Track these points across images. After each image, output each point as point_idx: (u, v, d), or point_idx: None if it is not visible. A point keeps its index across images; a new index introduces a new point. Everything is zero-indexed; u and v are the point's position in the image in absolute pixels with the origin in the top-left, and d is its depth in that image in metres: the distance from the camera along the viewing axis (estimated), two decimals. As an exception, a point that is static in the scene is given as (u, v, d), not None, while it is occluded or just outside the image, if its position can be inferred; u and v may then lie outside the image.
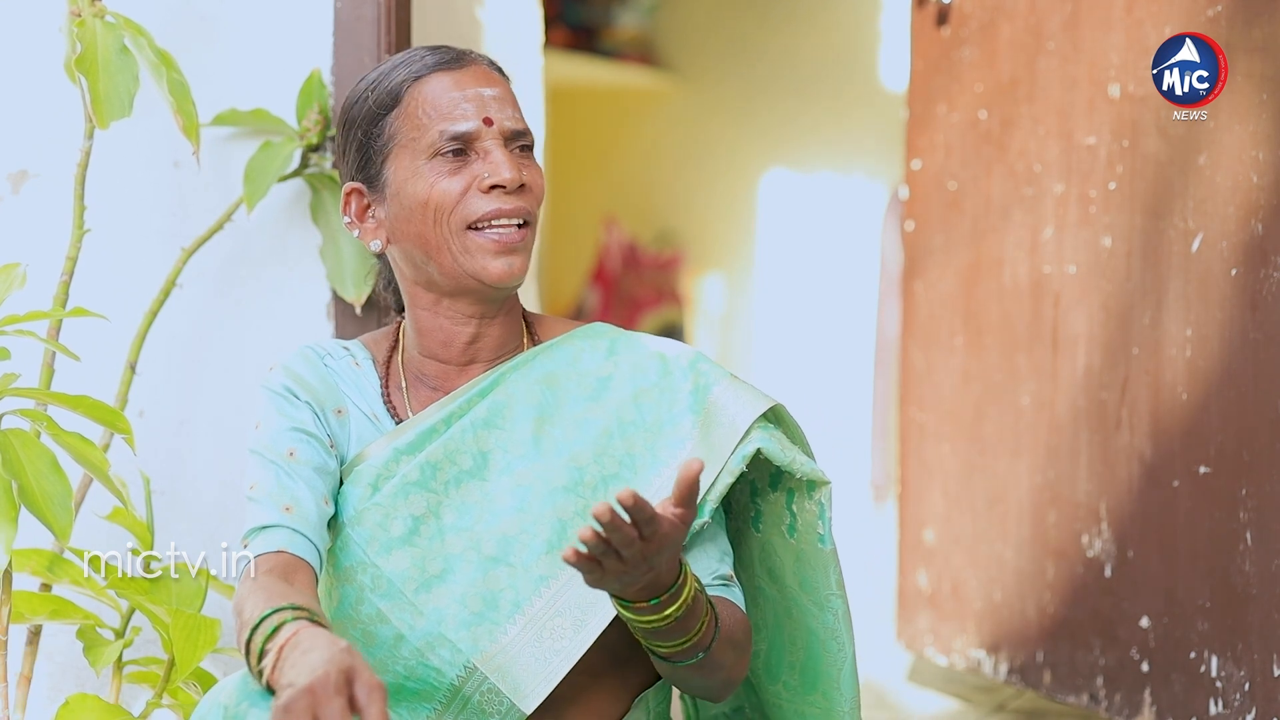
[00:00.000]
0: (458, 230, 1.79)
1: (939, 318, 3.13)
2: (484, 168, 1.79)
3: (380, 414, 1.86)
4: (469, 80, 1.82)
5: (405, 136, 1.81)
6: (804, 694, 1.91)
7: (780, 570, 1.89)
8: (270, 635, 1.56)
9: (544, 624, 1.77)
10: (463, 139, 1.79)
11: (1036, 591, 2.88)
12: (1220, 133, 2.49)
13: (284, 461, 1.79)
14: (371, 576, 1.80)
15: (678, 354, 1.87)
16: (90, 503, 2.33)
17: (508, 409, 1.84)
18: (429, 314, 1.86)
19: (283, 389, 1.84)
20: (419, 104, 1.81)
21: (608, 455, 1.82)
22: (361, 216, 1.87)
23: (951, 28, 3.08)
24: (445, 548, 1.80)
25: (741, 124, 5.99)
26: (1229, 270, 2.48)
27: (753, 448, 1.78)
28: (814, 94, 5.81)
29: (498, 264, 1.79)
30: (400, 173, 1.82)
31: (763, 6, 5.90)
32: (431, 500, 1.81)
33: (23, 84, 2.54)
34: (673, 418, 1.83)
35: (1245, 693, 2.45)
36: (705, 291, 6.14)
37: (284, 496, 1.76)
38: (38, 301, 2.28)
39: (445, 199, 1.79)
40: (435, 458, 1.82)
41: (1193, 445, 2.56)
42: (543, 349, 1.88)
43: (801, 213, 5.89)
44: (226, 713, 1.59)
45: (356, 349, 1.91)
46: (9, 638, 2.14)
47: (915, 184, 3.20)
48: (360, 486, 1.82)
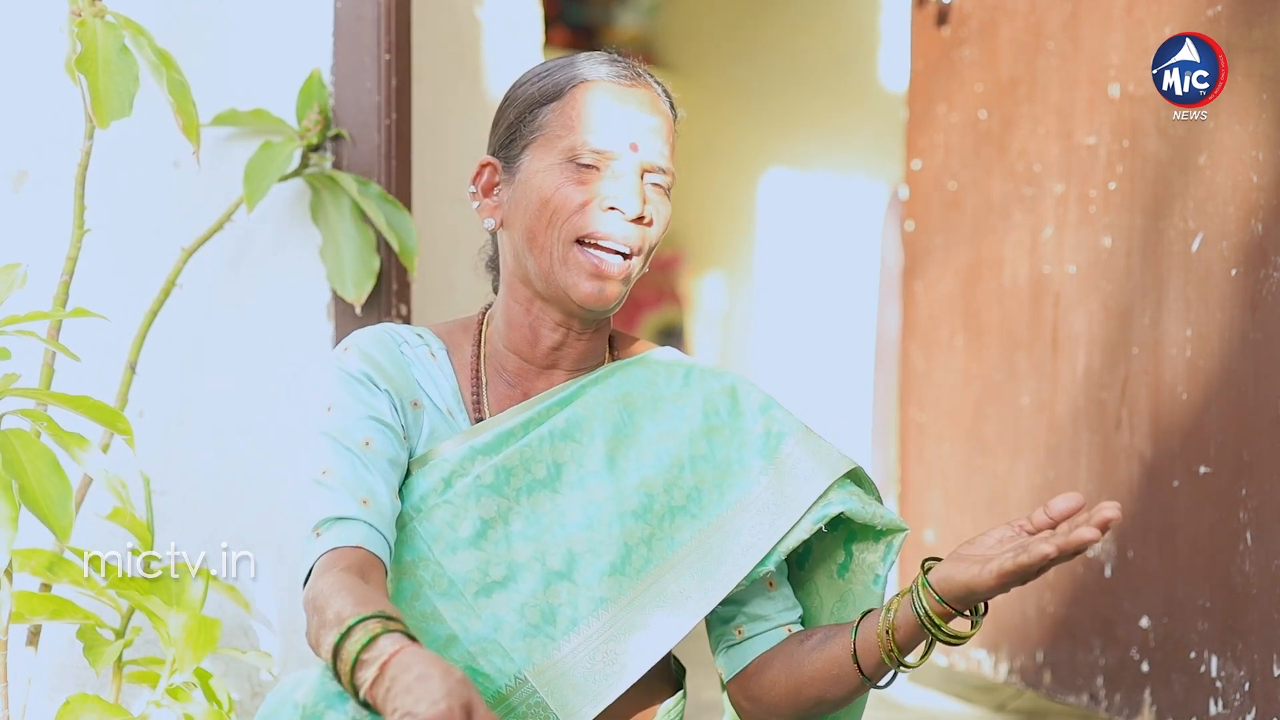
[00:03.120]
0: (565, 239, 1.77)
1: (939, 318, 3.13)
2: (611, 188, 1.78)
3: (455, 410, 1.84)
4: (633, 101, 1.80)
5: (552, 131, 1.79)
6: None
7: (817, 610, 1.89)
8: (366, 645, 1.52)
9: (597, 646, 1.77)
10: (602, 155, 1.78)
11: (1036, 591, 2.88)
12: (1220, 133, 2.48)
13: (360, 450, 1.75)
14: (433, 573, 1.78)
15: (748, 394, 1.87)
16: (90, 503, 2.33)
17: (585, 423, 1.83)
18: (522, 309, 1.84)
19: (361, 374, 1.80)
20: (577, 106, 1.79)
21: (677, 487, 1.82)
22: (488, 192, 1.85)
23: (951, 28, 3.08)
24: (511, 554, 1.78)
25: (741, 124, 5.99)
26: (1229, 270, 2.48)
27: (834, 510, 1.80)
28: (814, 94, 5.81)
29: (589, 285, 1.77)
30: (535, 164, 1.80)
31: (763, 7, 5.90)
32: (502, 505, 1.79)
33: (23, 84, 2.54)
34: (741, 459, 1.84)
35: (1245, 693, 2.45)
36: (705, 291, 6.14)
37: (361, 488, 1.73)
38: (38, 301, 2.28)
39: (565, 204, 1.77)
40: (511, 462, 1.80)
41: (1193, 445, 2.56)
42: (620, 367, 1.87)
43: (801, 212, 5.89)
44: (304, 712, 1.56)
45: (430, 339, 1.87)
46: (9, 638, 2.14)
47: (915, 184, 3.20)
48: (432, 480, 1.79)
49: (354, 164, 2.52)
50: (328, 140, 2.51)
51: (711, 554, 1.80)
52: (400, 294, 2.55)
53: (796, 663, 1.78)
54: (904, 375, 3.27)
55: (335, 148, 2.52)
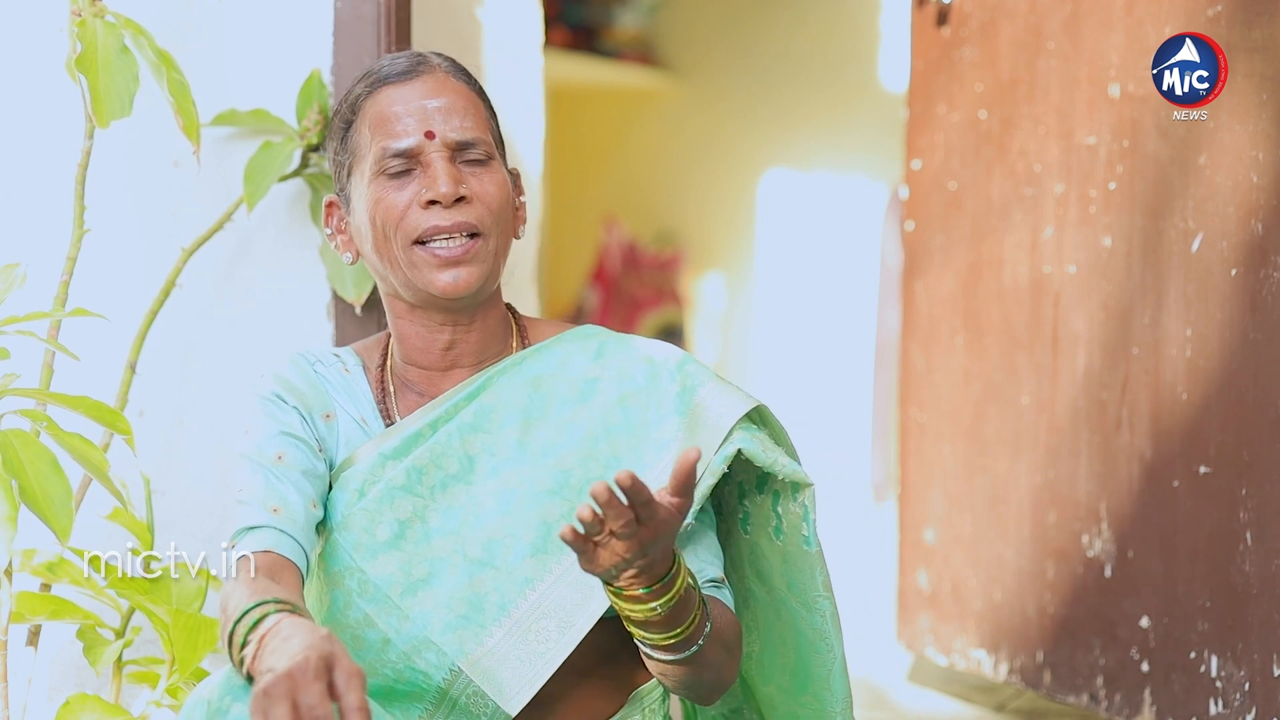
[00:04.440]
0: (405, 246, 1.80)
1: (939, 318, 3.13)
2: (423, 182, 1.79)
3: (370, 419, 1.87)
4: (415, 93, 1.82)
5: (360, 151, 1.83)
6: (796, 695, 1.91)
7: (769, 572, 1.89)
8: (253, 627, 1.57)
9: (528, 626, 1.78)
10: (405, 154, 1.80)
11: (1036, 591, 2.88)
12: (1220, 133, 2.48)
13: (272, 465, 1.79)
14: (358, 581, 1.80)
15: (665, 357, 1.87)
16: (90, 503, 2.33)
17: (495, 413, 1.84)
18: (405, 322, 1.87)
19: (271, 395, 1.85)
20: (370, 120, 1.83)
21: (593, 459, 1.82)
22: (340, 230, 1.90)
23: (951, 28, 3.08)
24: (431, 551, 1.80)
25: (741, 124, 5.99)
26: (1229, 270, 2.48)
27: (734, 448, 1.77)
28: (814, 94, 5.81)
29: (444, 277, 1.79)
30: (358, 188, 1.84)
31: (763, 7, 5.90)
32: (418, 504, 1.81)
33: (23, 84, 2.54)
34: (659, 420, 1.83)
35: (1245, 693, 2.45)
36: (705, 291, 6.14)
37: (272, 498, 1.77)
38: (38, 301, 2.28)
39: (390, 215, 1.80)
40: (421, 462, 1.82)
41: (1193, 445, 2.56)
42: (530, 352, 1.88)
43: (801, 212, 5.88)
44: (210, 708, 1.59)
45: (347, 356, 1.92)
46: (9, 638, 2.14)
47: (915, 184, 3.20)
48: (347, 491, 1.82)
49: (354, 164, 2.52)
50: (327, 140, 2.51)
51: None
52: (400, 294, 2.55)
53: None
54: (904, 375, 3.27)
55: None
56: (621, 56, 6.03)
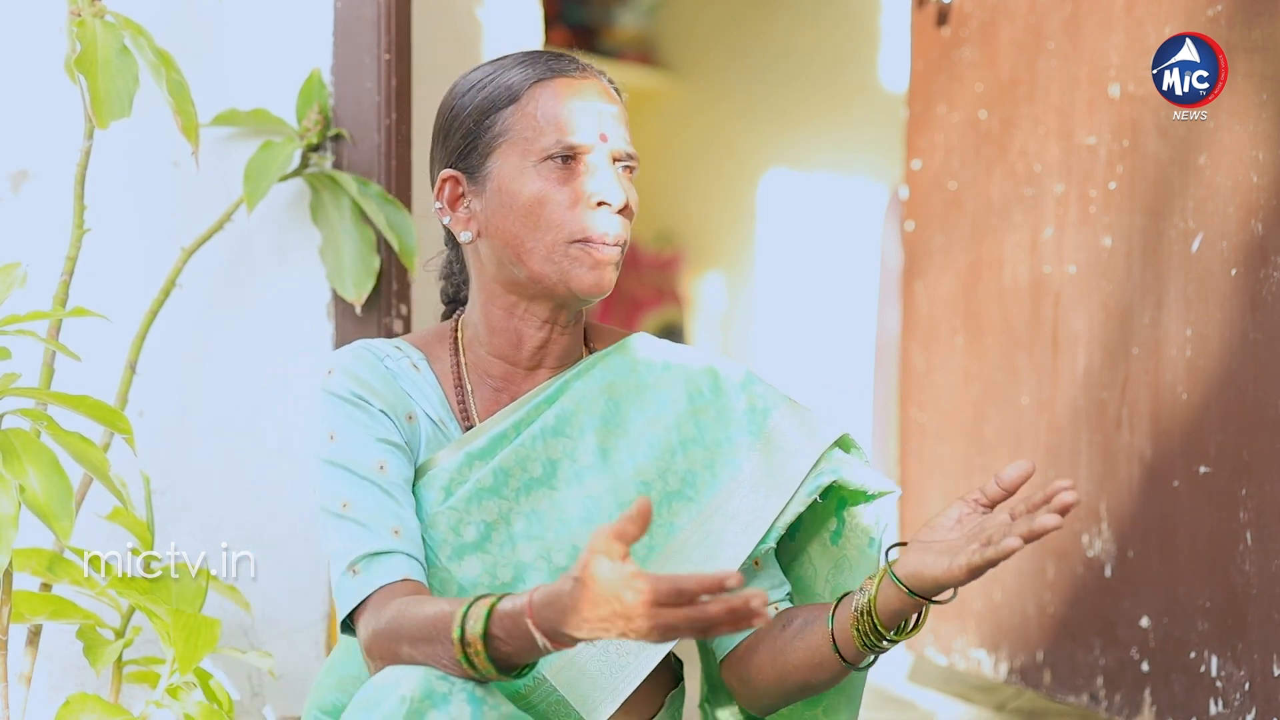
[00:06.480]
0: (562, 240, 1.77)
1: (939, 318, 3.13)
2: (592, 183, 1.79)
3: (445, 418, 1.83)
4: (591, 94, 1.82)
5: (518, 134, 1.79)
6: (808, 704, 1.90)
7: (811, 579, 1.89)
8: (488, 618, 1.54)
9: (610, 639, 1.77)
10: (576, 151, 1.79)
11: (1036, 591, 2.88)
12: (1220, 133, 2.48)
13: (377, 477, 1.75)
14: (442, 581, 1.78)
15: (729, 372, 1.88)
16: (90, 503, 2.33)
17: (574, 417, 1.83)
18: (504, 314, 1.84)
19: (352, 396, 1.79)
20: (538, 106, 1.79)
21: (671, 472, 1.82)
22: (454, 205, 1.84)
23: (951, 28, 3.08)
24: (516, 555, 1.79)
25: (741, 124, 5.99)
26: (1229, 270, 2.48)
27: (826, 480, 1.80)
28: (814, 94, 5.80)
29: (591, 276, 1.78)
30: (507, 170, 1.79)
31: (763, 7, 5.90)
32: (503, 507, 1.80)
33: (23, 84, 2.54)
34: (729, 437, 1.84)
35: (1245, 693, 2.45)
36: (705, 291, 6.14)
37: (389, 518, 1.73)
38: (38, 301, 2.28)
39: (553, 205, 1.77)
40: (507, 464, 1.80)
41: (1193, 445, 2.56)
42: (600, 358, 1.87)
43: (801, 212, 5.88)
44: (410, 706, 1.56)
45: (410, 350, 1.86)
46: (9, 638, 2.14)
47: (915, 184, 3.20)
48: (433, 491, 1.79)
49: (354, 164, 2.52)
50: (328, 140, 2.51)
51: (712, 536, 1.80)
52: (400, 294, 2.55)
53: (780, 649, 1.78)
54: (904, 375, 3.27)
55: (335, 148, 2.52)
56: (621, 56, 6.03)
